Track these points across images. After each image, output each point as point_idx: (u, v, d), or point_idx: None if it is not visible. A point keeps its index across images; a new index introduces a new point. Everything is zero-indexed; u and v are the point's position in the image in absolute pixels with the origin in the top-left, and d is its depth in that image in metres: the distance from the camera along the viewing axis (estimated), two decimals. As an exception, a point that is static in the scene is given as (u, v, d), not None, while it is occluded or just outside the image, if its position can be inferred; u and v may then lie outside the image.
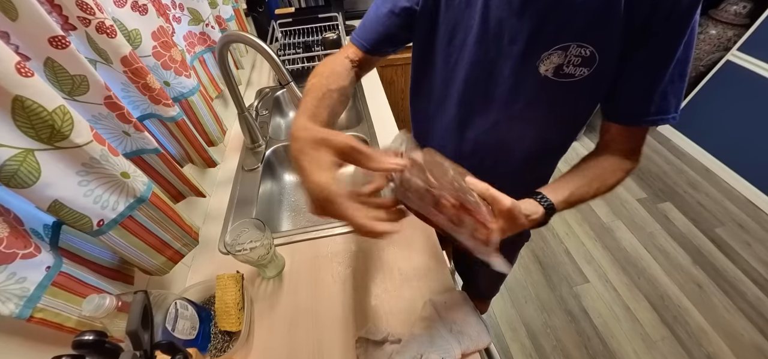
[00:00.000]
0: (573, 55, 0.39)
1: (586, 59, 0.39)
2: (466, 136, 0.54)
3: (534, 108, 0.46)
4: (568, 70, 0.40)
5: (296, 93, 0.65)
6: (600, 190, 0.45)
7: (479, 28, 0.43)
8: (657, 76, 0.38)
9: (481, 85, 0.47)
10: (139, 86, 0.49)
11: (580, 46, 0.38)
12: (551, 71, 0.41)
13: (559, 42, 0.39)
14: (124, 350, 0.30)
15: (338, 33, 1.17)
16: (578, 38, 0.38)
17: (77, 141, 0.34)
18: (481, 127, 0.51)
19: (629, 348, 1.15)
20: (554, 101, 0.44)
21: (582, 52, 0.38)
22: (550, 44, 0.39)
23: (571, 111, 0.47)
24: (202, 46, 0.77)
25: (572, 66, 0.39)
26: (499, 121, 0.49)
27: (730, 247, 1.43)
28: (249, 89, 1.11)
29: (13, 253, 0.31)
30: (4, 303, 0.30)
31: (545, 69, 0.41)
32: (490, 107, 0.48)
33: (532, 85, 0.43)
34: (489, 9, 0.42)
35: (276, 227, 0.78)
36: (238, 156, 0.83)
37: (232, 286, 0.51)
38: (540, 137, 0.50)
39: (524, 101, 0.45)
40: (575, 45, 0.38)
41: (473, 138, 0.53)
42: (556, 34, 0.39)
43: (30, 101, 0.30)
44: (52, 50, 0.35)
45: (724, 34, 1.71)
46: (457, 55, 0.47)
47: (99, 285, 0.39)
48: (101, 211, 0.38)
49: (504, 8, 0.41)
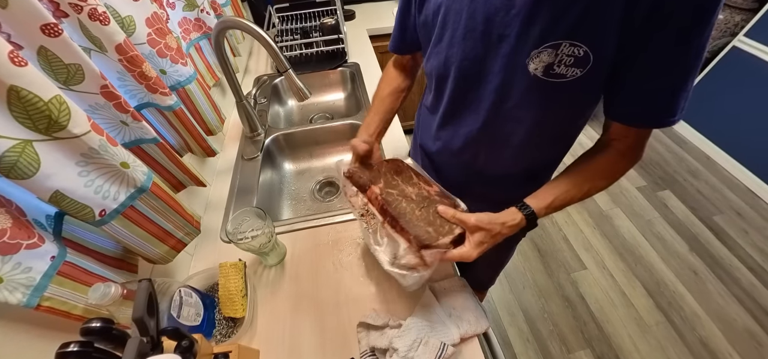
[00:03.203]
0: (565, 55, 0.36)
1: (580, 59, 0.36)
2: (459, 131, 0.52)
3: (524, 107, 0.43)
4: (559, 70, 0.37)
5: (295, 81, 0.64)
6: (591, 191, 0.44)
7: (466, 23, 0.41)
8: (663, 78, 0.36)
9: (471, 81, 0.46)
10: (136, 75, 0.48)
11: (573, 45, 0.35)
12: (541, 70, 0.38)
13: (549, 40, 0.36)
14: (131, 336, 0.31)
15: (336, 18, 1.14)
16: (570, 36, 0.35)
17: (75, 131, 0.34)
18: (472, 124, 0.50)
19: (624, 332, 1.18)
20: (546, 100, 0.41)
21: (575, 51, 0.35)
22: (540, 42, 0.37)
23: (565, 111, 0.44)
24: (198, 32, 0.75)
25: (564, 66, 0.37)
26: (489, 119, 0.47)
27: (727, 235, 1.45)
28: (247, 77, 1.09)
29: (18, 244, 0.31)
30: (11, 293, 0.31)
31: (535, 68, 0.38)
32: (480, 105, 0.47)
33: (522, 84, 0.41)
34: (475, 2, 0.40)
35: (277, 216, 0.78)
36: (238, 145, 0.82)
37: (234, 274, 0.51)
38: (532, 136, 0.47)
39: (514, 100, 0.43)
40: (567, 44, 0.35)
41: (465, 134, 0.52)
42: (546, 31, 0.36)
43: (25, 91, 0.29)
44: (45, 38, 0.34)
45: (732, 19, 1.67)
46: (447, 50, 0.46)
47: (104, 273, 0.40)
48: (102, 201, 0.38)
49: (491, 1, 0.38)
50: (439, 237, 0.42)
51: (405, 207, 0.46)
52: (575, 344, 1.16)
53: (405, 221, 0.44)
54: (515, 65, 0.40)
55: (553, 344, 1.16)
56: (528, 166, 0.54)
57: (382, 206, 0.46)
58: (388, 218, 0.45)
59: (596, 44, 0.35)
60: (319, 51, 1.13)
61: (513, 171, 0.54)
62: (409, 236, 0.42)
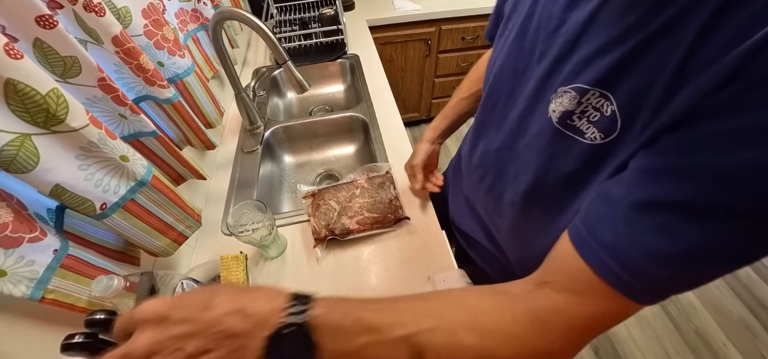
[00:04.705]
0: (591, 107, 0.26)
1: (605, 120, 0.26)
2: (478, 145, 0.47)
3: (533, 151, 0.34)
4: (578, 124, 0.28)
5: (294, 72, 0.64)
6: (455, 336, 0.24)
7: (522, 24, 0.34)
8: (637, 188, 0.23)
9: (501, 97, 0.39)
10: (133, 67, 0.47)
11: (603, 96, 0.25)
12: (557, 115, 0.29)
13: (576, 80, 0.27)
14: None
15: (336, 9, 1.12)
16: (602, 84, 0.25)
17: (74, 125, 0.33)
18: (490, 143, 0.43)
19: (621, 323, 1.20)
20: (554, 156, 0.32)
21: (602, 106, 0.26)
22: (568, 80, 0.28)
23: (576, 182, 0.31)
24: (195, 23, 0.74)
25: (585, 121, 0.27)
26: (503, 146, 0.40)
27: (725, 226, 1.46)
28: (245, 69, 1.08)
29: (20, 237, 0.31)
30: (15, 285, 0.31)
31: (553, 109, 0.30)
32: (501, 127, 0.40)
33: (538, 123, 0.33)
34: (538, 2, 0.32)
35: (277, 209, 0.79)
36: (237, 138, 0.82)
37: (235, 266, 0.52)
38: (534, 190, 0.36)
39: (528, 138, 0.35)
40: (596, 93, 0.26)
41: (482, 150, 0.46)
42: (578, 67, 0.27)
43: (22, 85, 0.29)
44: (40, 30, 0.33)
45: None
46: (498, 50, 0.40)
47: (106, 266, 0.40)
48: (103, 195, 0.38)
49: (551, 4, 0.30)
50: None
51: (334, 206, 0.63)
52: (572, 334, 1.18)
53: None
54: (542, 96, 0.32)
55: (551, 334, 1.18)
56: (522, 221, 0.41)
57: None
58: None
59: (630, 108, 0.24)
60: (317, 42, 1.12)
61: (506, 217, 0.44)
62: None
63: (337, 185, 0.67)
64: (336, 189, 0.66)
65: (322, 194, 0.65)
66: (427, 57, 1.52)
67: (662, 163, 0.22)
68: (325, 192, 0.65)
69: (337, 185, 0.67)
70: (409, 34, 1.41)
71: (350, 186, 0.66)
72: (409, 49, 1.48)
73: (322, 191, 0.66)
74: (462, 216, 0.60)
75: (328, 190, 0.66)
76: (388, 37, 1.40)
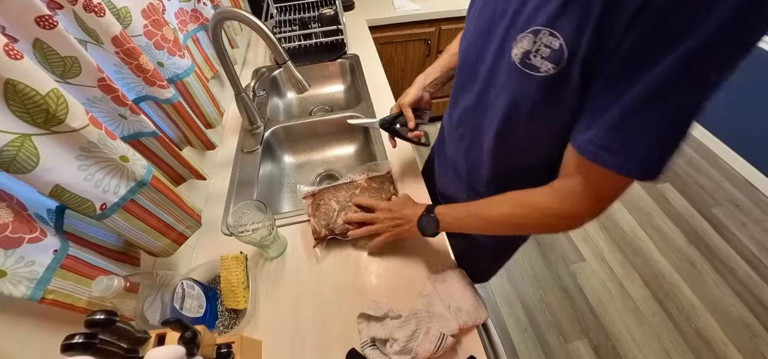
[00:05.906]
0: (542, 44, 0.33)
1: (555, 53, 0.33)
2: (457, 106, 0.54)
3: (501, 98, 0.41)
4: (535, 62, 0.34)
5: (294, 72, 0.64)
6: (510, 217, 0.43)
7: None
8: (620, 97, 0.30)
9: (471, 59, 0.46)
10: (133, 68, 0.47)
11: (552, 34, 0.32)
12: (519, 57, 0.36)
13: (533, 23, 0.34)
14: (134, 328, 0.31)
15: (335, 8, 1.12)
16: (550, 23, 0.32)
17: (73, 125, 0.33)
18: (467, 102, 0.50)
19: (621, 323, 1.20)
20: (518, 95, 0.39)
21: (551, 42, 0.33)
22: (525, 25, 0.35)
23: (536, 117, 0.39)
24: (195, 24, 0.74)
25: (539, 58, 0.34)
26: (477, 103, 0.47)
27: (725, 227, 1.46)
28: (245, 69, 1.08)
29: (20, 237, 0.31)
30: (15, 286, 0.31)
31: (515, 53, 0.36)
32: (474, 85, 0.47)
33: (503, 70, 0.39)
34: None
35: (277, 209, 0.79)
36: (237, 138, 0.82)
37: (235, 266, 0.52)
38: (502, 135, 0.44)
39: (496, 87, 0.42)
40: (547, 32, 0.33)
41: (460, 110, 0.53)
42: (533, 13, 0.34)
43: (22, 85, 0.29)
44: (40, 31, 0.33)
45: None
46: (468, 21, 0.47)
47: (106, 266, 0.40)
48: (103, 195, 0.38)
49: None
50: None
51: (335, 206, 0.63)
52: (572, 334, 1.18)
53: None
54: (504, 48, 0.38)
55: (551, 334, 1.18)
56: (499, 173, 0.51)
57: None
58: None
59: (572, 39, 0.31)
60: (317, 42, 1.12)
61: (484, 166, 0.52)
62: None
63: (337, 185, 0.67)
64: (336, 189, 0.66)
65: (322, 194, 0.65)
66: (427, 57, 1.52)
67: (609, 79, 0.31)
68: (325, 192, 0.65)
69: (337, 185, 0.67)
70: (408, 34, 1.41)
71: (350, 186, 0.66)
72: (409, 49, 1.48)
73: (322, 191, 0.66)
74: (447, 183, 0.67)
75: (328, 190, 0.66)
76: (388, 37, 1.40)
